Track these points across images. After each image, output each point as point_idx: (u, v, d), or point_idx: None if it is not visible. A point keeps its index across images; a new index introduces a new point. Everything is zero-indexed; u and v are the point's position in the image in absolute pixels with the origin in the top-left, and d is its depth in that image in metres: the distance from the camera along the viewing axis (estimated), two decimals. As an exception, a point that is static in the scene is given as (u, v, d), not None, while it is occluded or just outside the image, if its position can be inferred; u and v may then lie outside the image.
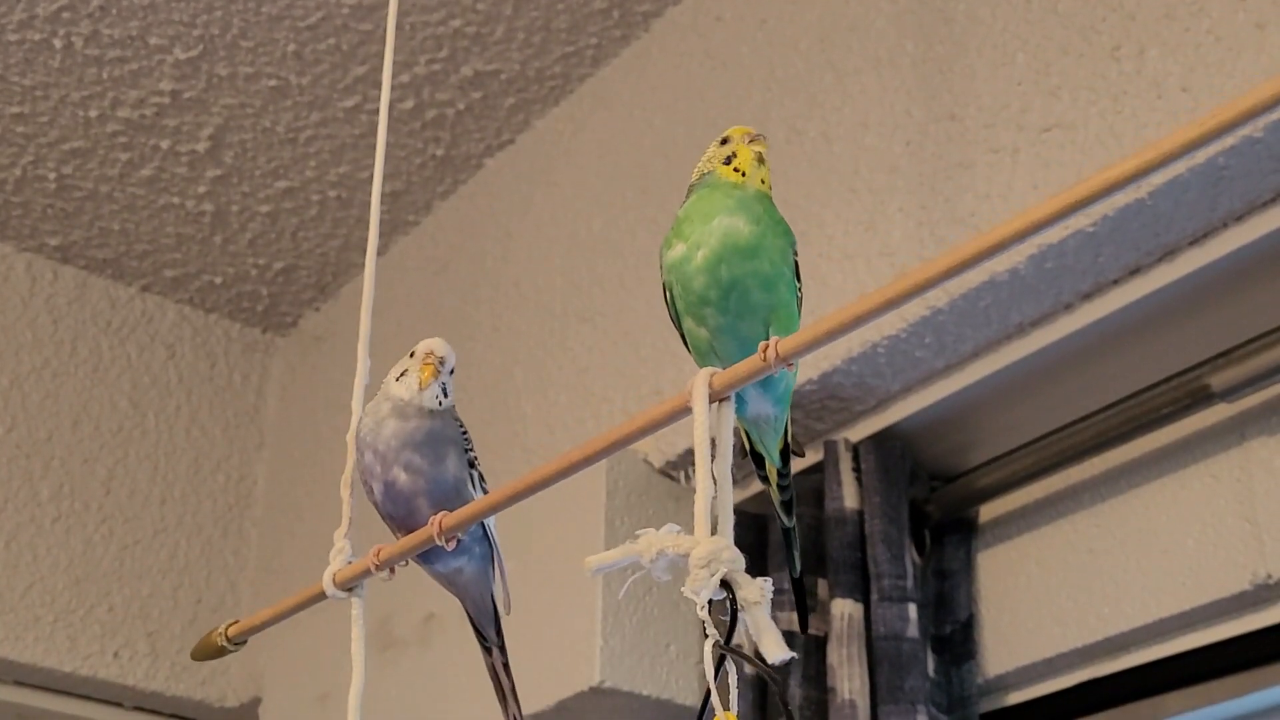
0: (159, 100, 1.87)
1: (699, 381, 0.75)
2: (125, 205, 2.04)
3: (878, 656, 1.27)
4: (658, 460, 1.48)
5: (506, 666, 1.02)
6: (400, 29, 1.76)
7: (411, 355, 0.99)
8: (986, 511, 1.39)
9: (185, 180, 2.00)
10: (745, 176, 0.90)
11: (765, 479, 0.96)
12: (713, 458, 0.90)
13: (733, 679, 0.70)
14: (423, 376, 0.97)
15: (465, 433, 0.99)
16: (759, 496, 1.44)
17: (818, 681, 1.30)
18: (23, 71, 1.83)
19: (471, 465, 0.98)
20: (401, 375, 0.98)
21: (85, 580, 2.02)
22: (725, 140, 0.93)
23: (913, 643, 1.27)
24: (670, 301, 0.90)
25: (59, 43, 1.79)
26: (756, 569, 1.39)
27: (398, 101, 1.86)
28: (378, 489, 0.96)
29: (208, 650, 1.03)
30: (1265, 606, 1.19)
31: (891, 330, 1.29)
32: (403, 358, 0.99)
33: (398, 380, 0.98)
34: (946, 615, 1.35)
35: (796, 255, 0.90)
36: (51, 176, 1.99)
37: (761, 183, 0.90)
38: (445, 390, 0.97)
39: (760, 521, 1.42)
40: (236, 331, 2.28)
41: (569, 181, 1.81)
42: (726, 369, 0.77)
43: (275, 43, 1.79)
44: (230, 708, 2.08)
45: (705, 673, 0.68)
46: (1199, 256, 1.17)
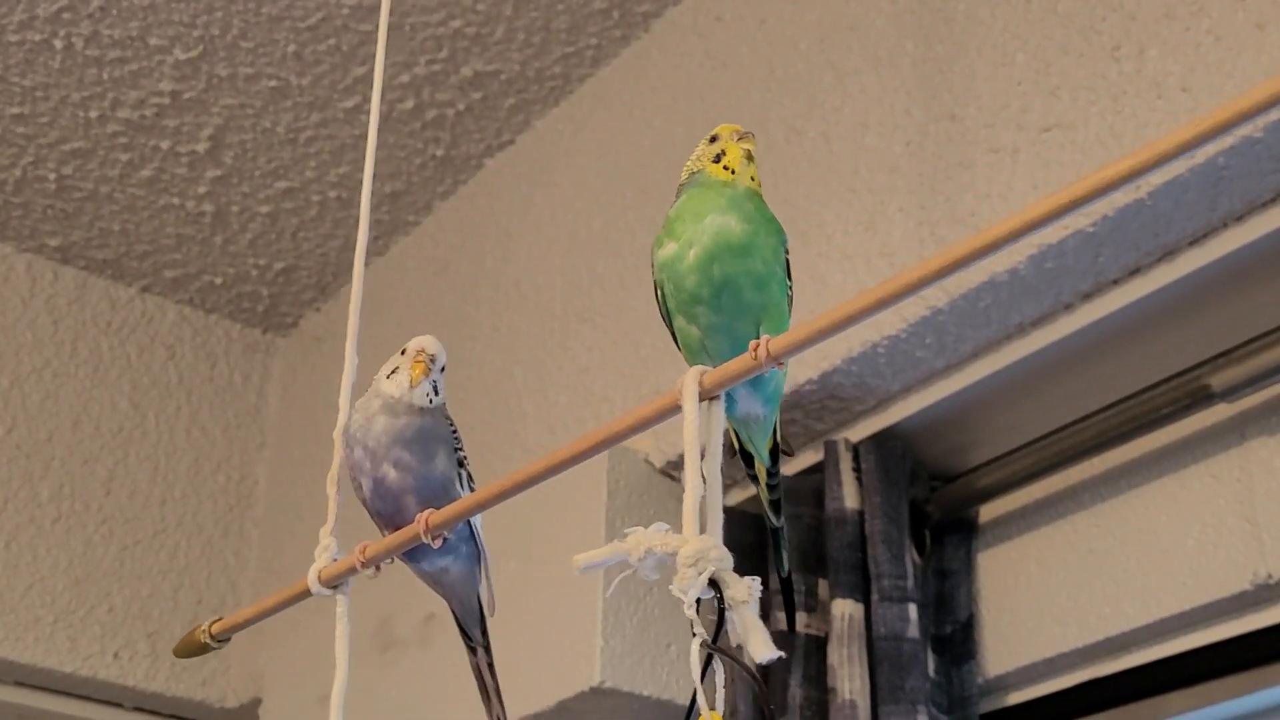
0: (159, 101, 1.87)
1: (689, 380, 0.75)
2: (125, 206, 2.04)
3: (878, 657, 1.27)
4: (659, 460, 1.48)
5: (491, 667, 1.02)
6: (400, 29, 1.76)
7: (403, 353, 0.98)
8: (987, 511, 1.39)
9: (185, 181, 2.00)
10: (735, 174, 0.89)
11: (754, 478, 0.96)
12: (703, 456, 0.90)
13: (720, 678, 0.69)
14: (413, 374, 0.96)
15: (455, 431, 0.99)
16: (758, 497, 1.44)
17: (818, 682, 1.30)
18: (23, 72, 1.83)
19: (460, 464, 0.98)
20: (393, 372, 0.98)
21: (85, 581, 2.02)
22: (714, 138, 0.92)
23: (913, 643, 1.27)
24: (661, 300, 0.90)
25: (59, 43, 1.79)
26: (757, 569, 1.39)
27: (398, 102, 1.86)
28: (366, 485, 0.96)
29: (191, 647, 1.03)
30: (1265, 606, 1.19)
31: (892, 330, 1.29)
32: (394, 355, 0.99)
33: (388, 377, 0.97)
34: (947, 615, 1.35)
35: (788, 253, 0.89)
36: (52, 177, 1.99)
37: (751, 180, 0.90)
38: (436, 388, 0.97)
39: (760, 522, 1.42)
40: (237, 332, 2.28)
41: (569, 182, 1.81)
42: (717, 367, 0.76)
43: (275, 43, 1.79)
44: (230, 708, 2.08)
45: (692, 671, 0.68)
46: (1199, 256, 1.17)
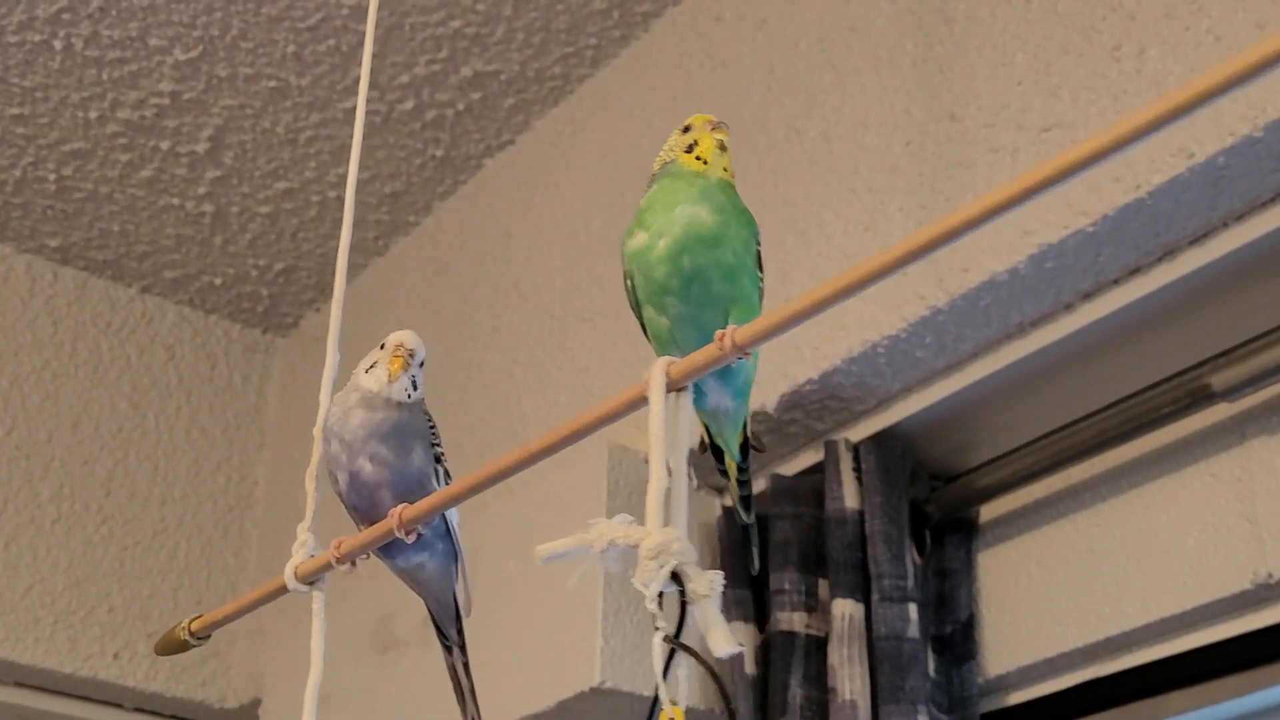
0: (159, 101, 1.87)
1: (656, 370, 0.74)
2: (125, 206, 2.04)
3: (878, 657, 1.27)
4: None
5: (467, 667, 1.02)
6: (400, 29, 1.76)
7: (382, 347, 0.98)
8: (987, 511, 1.39)
9: (185, 181, 2.00)
10: (707, 165, 0.89)
11: (724, 473, 0.95)
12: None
13: (683, 672, 0.68)
14: (392, 369, 0.96)
15: (433, 426, 0.98)
16: (758, 496, 1.44)
17: (818, 682, 1.30)
18: (23, 73, 1.83)
19: (438, 459, 0.98)
20: (371, 367, 0.97)
21: (85, 581, 2.02)
22: (687, 128, 0.91)
23: (913, 643, 1.27)
24: (631, 290, 0.89)
25: (59, 44, 1.79)
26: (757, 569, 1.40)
27: (397, 102, 1.86)
28: (342, 479, 0.96)
29: (171, 644, 1.03)
30: (1266, 606, 1.19)
31: (892, 330, 1.29)
32: (373, 349, 0.99)
33: (367, 372, 0.97)
34: (947, 615, 1.35)
35: (759, 245, 0.89)
36: (51, 178, 1.99)
37: (724, 171, 0.89)
38: (415, 383, 0.97)
39: (760, 522, 1.42)
40: (237, 332, 2.28)
41: (569, 182, 1.81)
42: (684, 358, 0.76)
43: (275, 44, 1.79)
44: (230, 709, 2.08)
45: (654, 665, 0.67)
46: (1199, 256, 1.17)
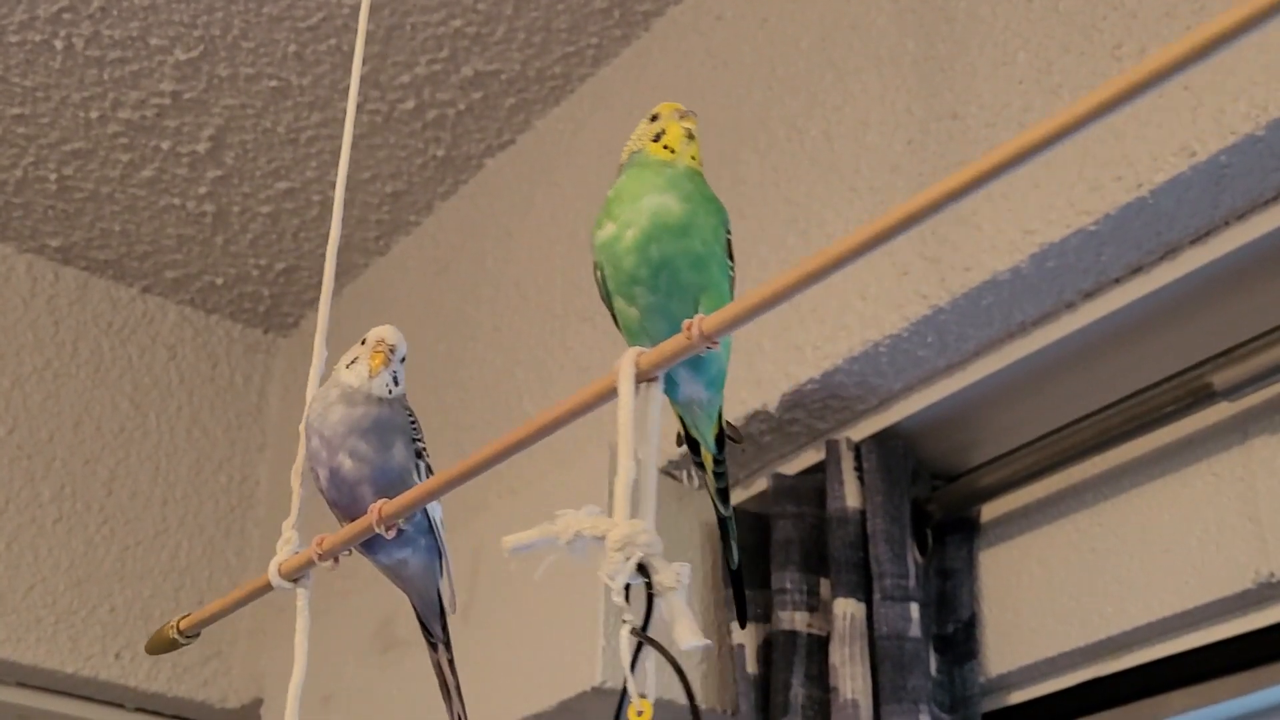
0: (160, 101, 1.87)
1: (625, 361, 0.74)
2: (126, 206, 2.04)
3: (880, 656, 1.27)
4: (659, 460, 1.48)
5: (452, 664, 1.01)
6: (401, 29, 1.76)
7: (363, 343, 0.98)
8: (988, 510, 1.39)
9: (186, 181, 2.00)
10: (675, 153, 0.88)
11: (700, 465, 0.94)
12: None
13: (651, 665, 0.68)
14: (372, 364, 0.96)
15: (414, 422, 0.98)
16: (760, 496, 1.44)
17: (820, 681, 1.30)
18: (23, 73, 1.83)
19: (419, 455, 0.97)
20: (352, 363, 0.97)
21: (87, 581, 2.02)
22: (654, 117, 0.91)
23: (915, 642, 1.27)
24: (601, 281, 0.89)
25: (60, 44, 1.79)
26: (759, 569, 1.40)
27: (398, 102, 1.86)
28: (323, 475, 0.96)
29: (161, 643, 1.03)
30: (1268, 605, 1.19)
31: (893, 329, 1.29)
32: (354, 345, 0.99)
33: (348, 367, 0.97)
34: (949, 614, 1.35)
35: (729, 234, 0.88)
36: (52, 178, 1.99)
37: (692, 159, 0.89)
38: (396, 379, 0.97)
39: (762, 521, 1.42)
40: (238, 332, 2.28)
41: (570, 181, 1.81)
42: (654, 348, 0.75)
43: (276, 43, 1.79)
44: (232, 709, 2.08)
45: (622, 659, 0.66)
46: (1201, 255, 1.17)
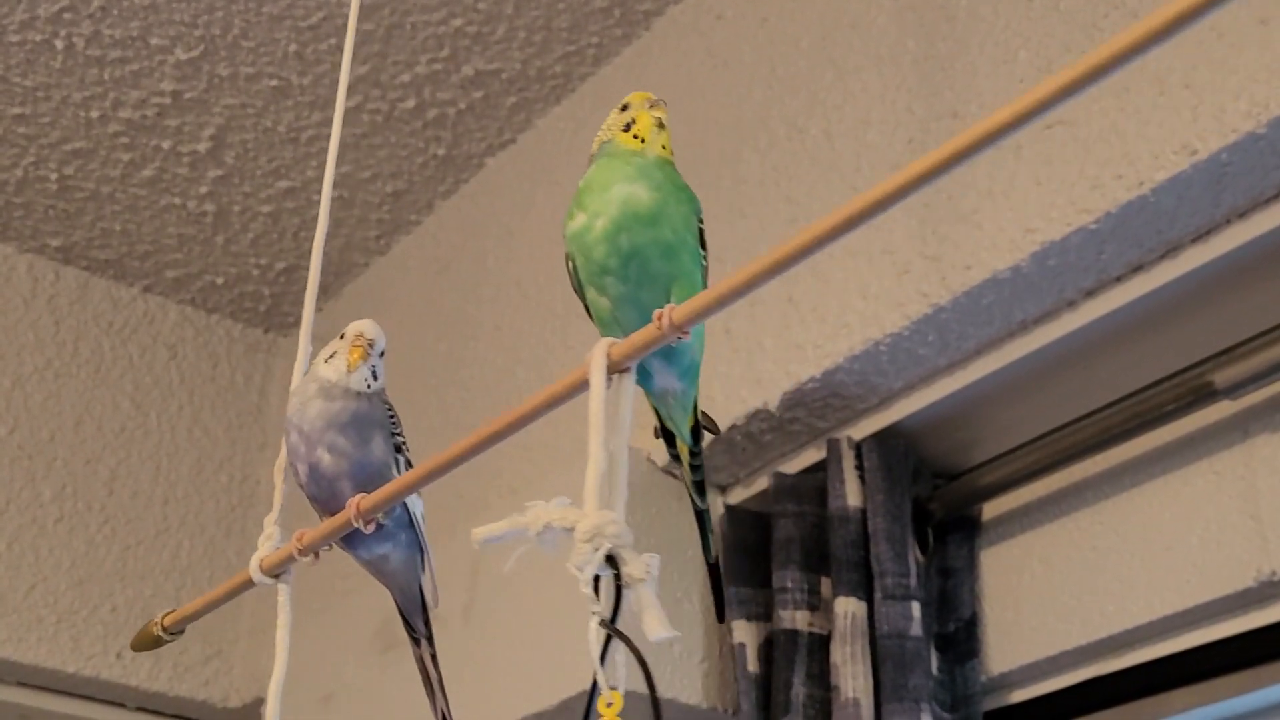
0: (160, 101, 1.87)
1: (597, 352, 0.74)
2: (127, 206, 2.04)
3: (881, 655, 1.27)
4: (660, 459, 1.48)
5: (434, 659, 1.01)
6: (401, 28, 1.76)
7: (342, 337, 0.98)
8: (989, 509, 1.39)
9: (187, 180, 1.99)
10: (645, 143, 0.88)
11: (677, 457, 0.94)
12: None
13: (620, 657, 0.67)
14: (351, 359, 0.96)
15: (393, 416, 0.98)
16: (761, 495, 1.44)
17: (821, 680, 1.30)
18: (24, 72, 1.83)
19: (398, 449, 0.97)
20: (331, 357, 0.97)
21: (88, 581, 2.02)
22: (625, 107, 0.91)
23: (916, 641, 1.27)
24: (573, 272, 0.89)
25: (60, 43, 1.79)
26: (760, 567, 1.40)
27: (399, 101, 1.86)
28: (302, 470, 0.95)
29: (146, 640, 1.03)
30: (1269, 603, 1.19)
31: (894, 328, 1.29)
32: (333, 339, 0.98)
33: (326, 362, 0.97)
34: (950, 613, 1.35)
35: (702, 222, 0.88)
36: (53, 177, 1.99)
37: (663, 149, 0.88)
38: (375, 373, 0.96)
39: (763, 520, 1.42)
40: (239, 331, 2.28)
41: (571, 180, 1.80)
42: (625, 339, 0.75)
43: (276, 43, 1.79)
44: (233, 708, 2.08)
45: (590, 651, 0.66)
46: (1202, 253, 1.17)
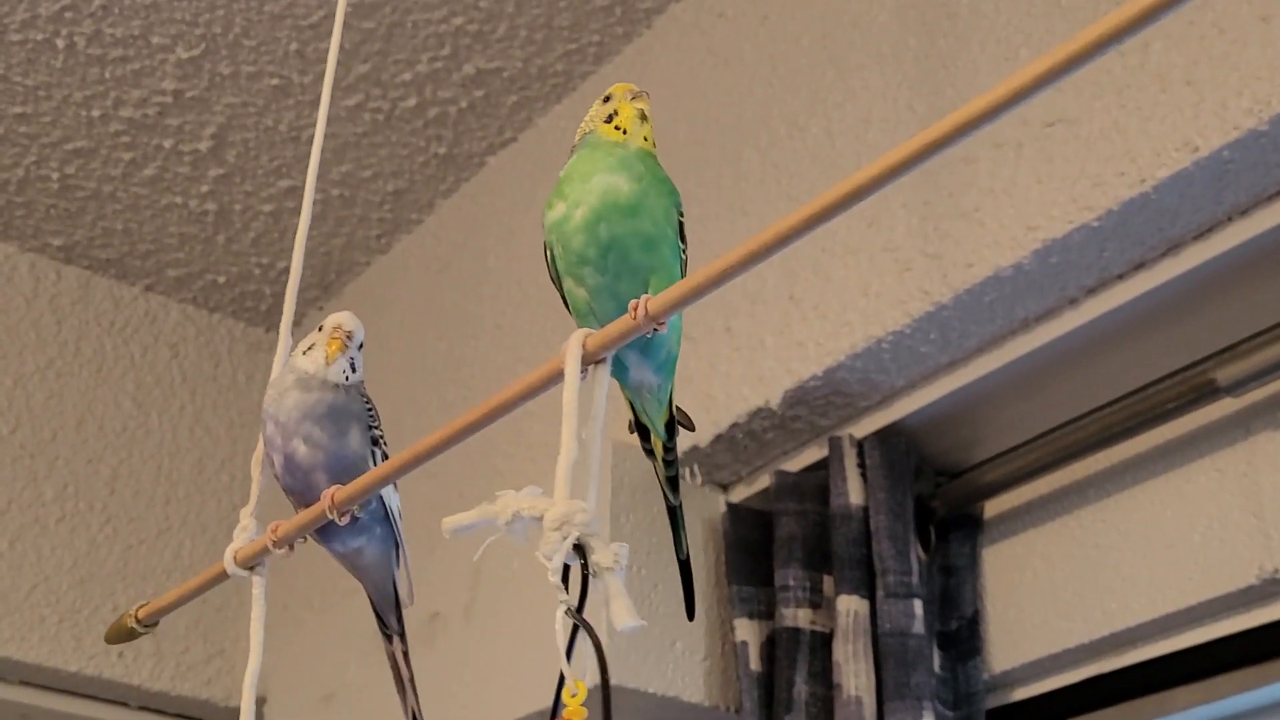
0: (161, 99, 1.87)
1: (572, 342, 0.74)
2: (128, 205, 2.04)
3: (883, 653, 1.27)
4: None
5: (406, 656, 1.01)
6: (402, 26, 1.76)
7: (320, 329, 0.97)
8: (992, 507, 1.39)
9: (188, 179, 1.99)
10: (627, 134, 0.88)
11: (650, 452, 0.93)
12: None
13: (590, 646, 0.66)
14: (329, 351, 0.95)
15: (371, 409, 0.98)
16: (763, 493, 1.44)
17: (823, 678, 1.30)
18: (25, 72, 1.83)
19: (375, 442, 0.97)
20: (309, 349, 0.97)
21: (90, 580, 2.02)
22: (608, 98, 0.91)
23: (918, 639, 1.27)
24: (551, 262, 0.89)
25: (61, 42, 1.79)
26: (762, 566, 1.40)
27: (400, 100, 1.86)
28: (278, 461, 0.95)
29: (120, 633, 1.02)
30: (1272, 601, 1.19)
31: (896, 326, 1.29)
32: (311, 331, 0.98)
33: (304, 354, 0.97)
34: (952, 611, 1.35)
35: (682, 216, 0.88)
36: (54, 177, 1.99)
37: (645, 140, 0.88)
38: (354, 365, 0.96)
39: (764, 518, 1.42)
40: (240, 331, 2.28)
41: (572, 179, 1.80)
42: (601, 330, 0.75)
43: (277, 41, 1.79)
44: (235, 707, 2.07)
45: (557, 640, 0.66)
46: (1204, 251, 1.17)
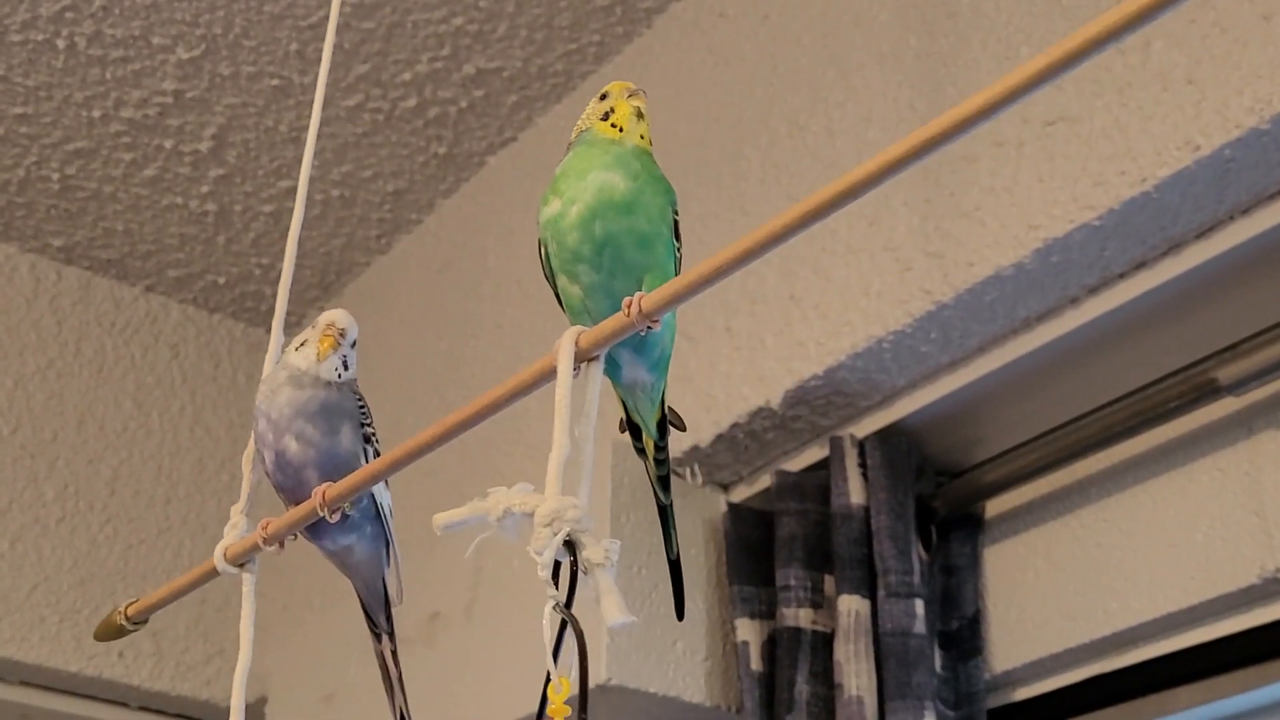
0: (162, 100, 1.87)
1: (565, 339, 0.74)
2: (129, 205, 2.04)
3: (885, 653, 1.27)
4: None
5: (395, 655, 1.00)
6: (402, 26, 1.76)
7: (314, 326, 0.97)
8: (993, 507, 1.39)
9: (188, 180, 1.99)
10: (623, 132, 0.88)
11: (642, 451, 0.93)
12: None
13: (575, 642, 0.67)
14: (321, 348, 0.95)
15: (364, 407, 0.97)
16: (764, 492, 1.44)
17: (824, 678, 1.30)
18: (26, 72, 1.83)
19: (367, 440, 0.96)
20: (301, 345, 0.96)
21: (90, 580, 2.02)
22: (604, 96, 0.90)
23: (920, 639, 1.27)
24: (545, 259, 0.88)
25: (62, 43, 1.78)
26: (763, 566, 1.40)
27: (400, 100, 1.86)
28: (269, 458, 0.95)
29: (109, 630, 1.02)
30: (1273, 600, 1.19)
31: (897, 325, 1.29)
32: (306, 328, 0.98)
33: (297, 350, 0.96)
34: (953, 611, 1.34)
35: (677, 214, 0.88)
36: (55, 177, 1.99)
37: (641, 138, 0.88)
38: (346, 363, 0.96)
39: (765, 518, 1.41)
40: (240, 331, 2.28)
41: (572, 179, 1.80)
42: (594, 327, 0.75)
43: (277, 41, 1.79)
44: (236, 707, 2.08)
45: (544, 635, 0.65)
46: (1205, 250, 1.17)
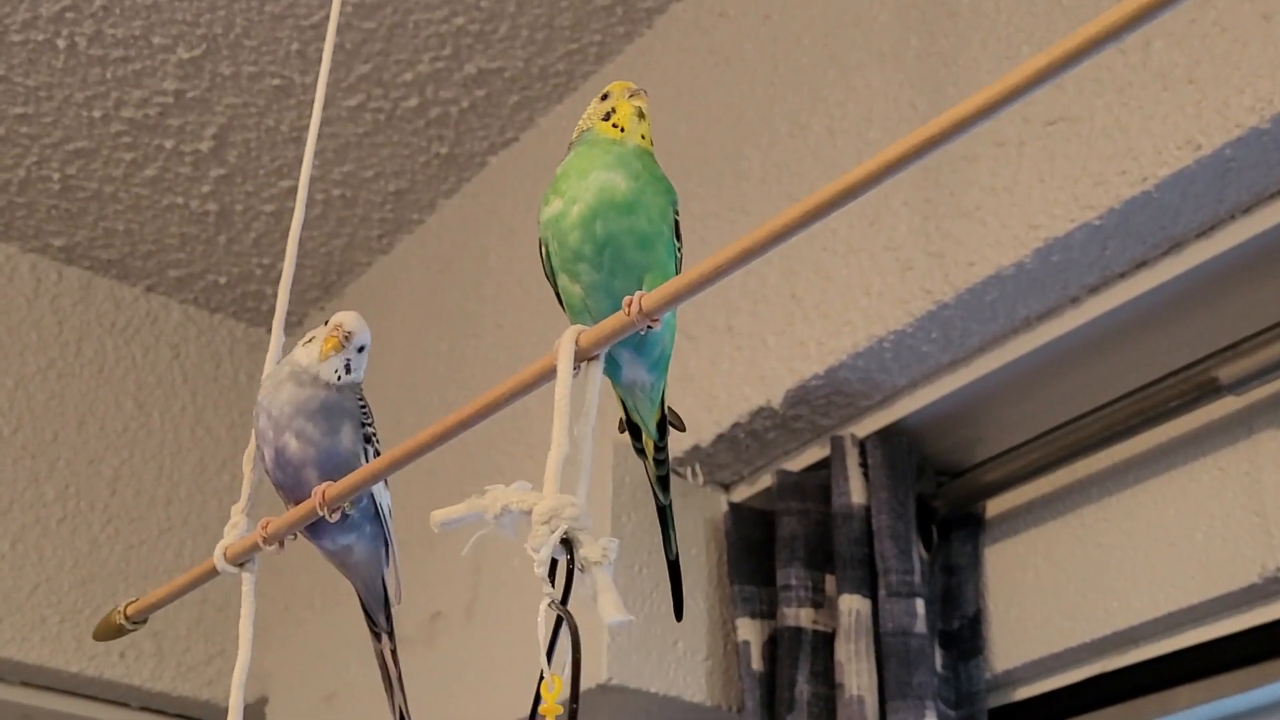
0: (163, 100, 1.87)
1: (565, 339, 0.74)
2: (129, 205, 2.04)
3: (885, 652, 1.27)
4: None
5: (395, 654, 1.00)
6: (403, 27, 1.76)
7: (326, 324, 0.96)
8: (993, 506, 1.39)
9: (189, 180, 1.99)
10: (624, 132, 0.88)
11: (641, 451, 0.93)
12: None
13: (569, 639, 0.67)
14: (324, 347, 0.94)
15: (365, 407, 0.97)
16: (764, 492, 1.44)
17: (825, 678, 1.30)
18: (26, 72, 1.83)
19: (367, 440, 0.96)
20: (308, 341, 0.96)
21: (91, 580, 2.02)
22: (605, 96, 0.90)
23: (920, 638, 1.27)
24: (546, 258, 0.88)
25: (62, 43, 1.79)
26: (763, 565, 1.40)
27: (401, 100, 1.86)
28: (269, 455, 0.94)
29: (108, 630, 1.02)
30: (1274, 600, 1.19)
31: (898, 325, 1.29)
32: (319, 325, 0.97)
33: (303, 345, 0.96)
34: (954, 610, 1.34)
35: (678, 214, 0.88)
36: (56, 177, 1.99)
37: (642, 138, 0.88)
38: (349, 367, 0.95)
39: (766, 517, 1.41)
40: (241, 331, 2.28)
41: (573, 179, 1.80)
42: (594, 326, 0.75)
43: (278, 41, 1.79)
44: (237, 707, 2.08)
45: (538, 632, 0.66)
46: (1206, 249, 1.17)
